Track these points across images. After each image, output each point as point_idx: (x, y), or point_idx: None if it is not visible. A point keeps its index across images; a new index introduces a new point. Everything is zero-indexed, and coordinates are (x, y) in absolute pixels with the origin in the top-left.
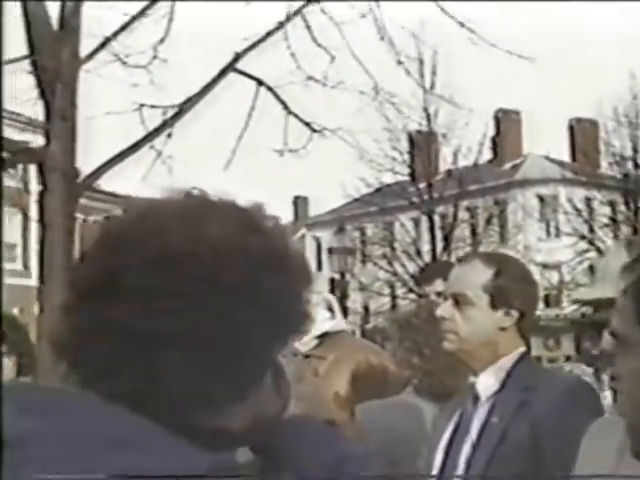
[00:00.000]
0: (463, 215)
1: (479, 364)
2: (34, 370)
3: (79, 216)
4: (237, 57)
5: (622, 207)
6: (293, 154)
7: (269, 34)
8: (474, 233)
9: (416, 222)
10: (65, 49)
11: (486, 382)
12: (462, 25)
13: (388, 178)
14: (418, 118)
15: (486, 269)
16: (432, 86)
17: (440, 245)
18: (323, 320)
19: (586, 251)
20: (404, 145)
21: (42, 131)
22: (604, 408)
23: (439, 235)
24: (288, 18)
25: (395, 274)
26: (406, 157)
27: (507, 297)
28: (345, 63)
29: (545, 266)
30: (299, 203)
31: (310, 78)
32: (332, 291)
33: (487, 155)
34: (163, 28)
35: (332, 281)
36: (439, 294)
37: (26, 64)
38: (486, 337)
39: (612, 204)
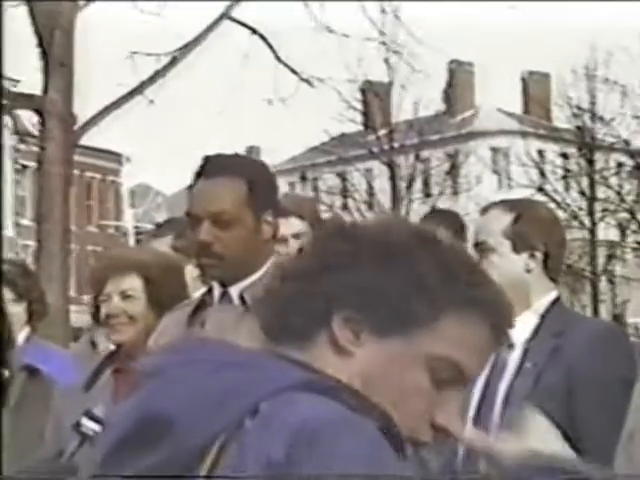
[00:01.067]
0: (419, 166)
1: None
2: (44, 316)
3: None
4: (231, 5)
5: (577, 159)
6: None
7: None
8: (426, 184)
9: (370, 171)
10: None
11: (519, 327)
12: None
13: (344, 129)
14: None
15: (505, 215)
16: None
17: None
18: None
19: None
20: (367, 96)
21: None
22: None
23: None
24: None
25: None
26: (364, 107)
27: (528, 240)
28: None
29: None
30: (252, 153)
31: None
32: None
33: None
34: None
35: None
36: None
37: (24, 10)
38: (513, 282)
39: (566, 156)
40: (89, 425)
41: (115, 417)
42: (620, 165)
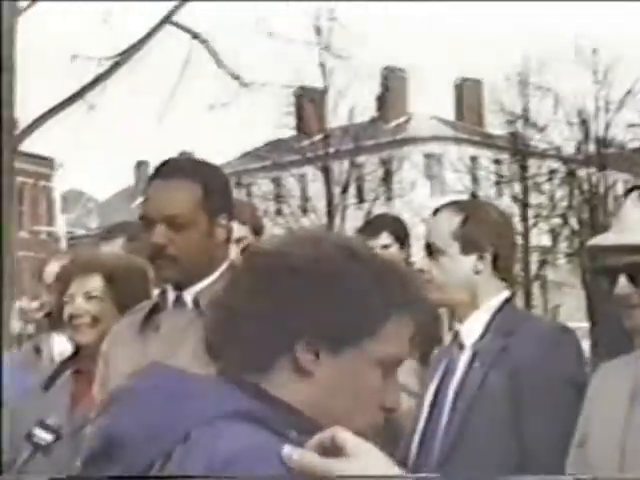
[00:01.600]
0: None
1: (462, 311)
2: None
3: None
4: (173, 10)
5: (510, 165)
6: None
7: None
8: (360, 190)
9: (304, 177)
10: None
11: (470, 328)
12: None
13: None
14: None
15: (454, 217)
16: (328, 44)
17: (336, 201)
18: None
19: None
20: (302, 101)
21: None
22: (585, 353)
23: (337, 190)
24: None
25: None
26: (298, 113)
27: (476, 241)
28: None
29: None
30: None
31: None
32: None
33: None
34: None
35: None
36: (385, 247)
37: None
38: (463, 283)
39: (499, 162)
40: (42, 435)
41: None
42: (553, 171)
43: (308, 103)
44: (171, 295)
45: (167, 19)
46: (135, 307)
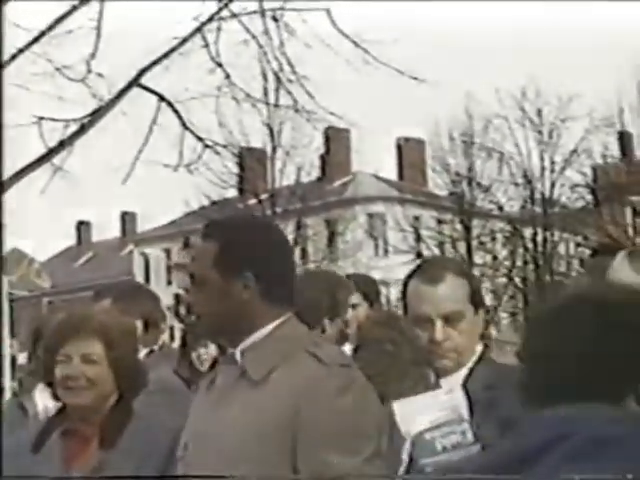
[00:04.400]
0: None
1: (450, 368)
2: None
3: None
4: (141, 73)
5: (456, 225)
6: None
7: (171, 51)
8: (304, 250)
9: None
10: None
11: (452, 382)
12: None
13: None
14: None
15: (462, 280)
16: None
17: None
18: None
19: None
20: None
21: None
22: None
23: None
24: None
25: None
26: (245, 173)
27: (481, 298)
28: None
29: (383, 283)
30: (127, 219)
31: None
32: (177, 306)
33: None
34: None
35: (177, 297)
36: (354, 306)
37: None
38: (475, 343)
39: (442, 222)
40: None
41: None
42: (497, 231)
43: (254, 163)
44: (229, 351)
45: (134, 82)
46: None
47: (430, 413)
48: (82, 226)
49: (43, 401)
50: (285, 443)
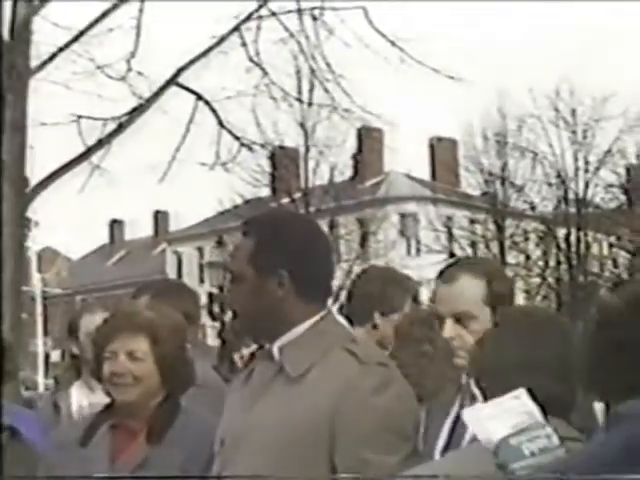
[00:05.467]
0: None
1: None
2: (16, 375)
3: None
4: (178, 71)
5: (489, 225)
6: None
7: (209, 50)
8: (337, 250)
9: None
10: (17, 59)
11: None
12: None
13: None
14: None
15: (478, 281)
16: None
17: None
18: None
19: None
20: (281, 160)
21: None
22: None
23: None
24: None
25: None
26: (279, 172)
27: (503, 301)
28: None
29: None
30: (159, 218)
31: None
32: (210, 304)
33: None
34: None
35: (210, 295)
36: None
37: None
38: None
39: (474, 222)
40: None
41: None
42: (529, 232)
43: (288, 162)
44: (266, 347)
45: (172, 80)
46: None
47: (507, 419)
48: (115, 224)
49: (79, 400)
50: (322, 440)
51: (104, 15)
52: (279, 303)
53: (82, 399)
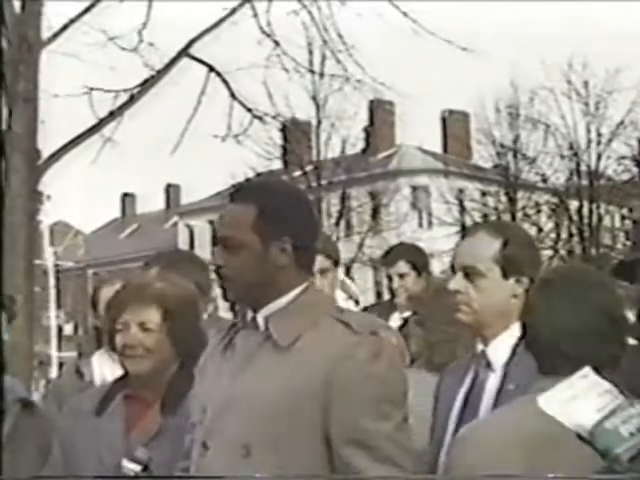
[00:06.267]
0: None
1: (491, 332)
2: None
3: None
4: (190, 43)
5: (501, 197)
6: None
7: (221, 21)
8: (348, 222)
9: None
10: (28, 31)
11: (498, 349)
12: None
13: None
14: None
15: (493, 240)
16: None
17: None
18: (343, 301)
19: None
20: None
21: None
22: None
23: (326, 223)
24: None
25: None
26: (290, 145)
27: (517, 265)
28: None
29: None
30: (171, 191)
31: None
32: None
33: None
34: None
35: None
36: (402, 275)
37: None
38: (500, 307)
39: (485, 194)
40: (130, 466)
41: None
42: (541, 204)
43: (299, 135)
44: (248, 316)
45: (183, 52)
46: (223, 325)
47: (590, 402)
48: (127, 198)
49: (101, 368)
50: (317, 408)
51: None
52: (278, 271)
53: (105, 369)
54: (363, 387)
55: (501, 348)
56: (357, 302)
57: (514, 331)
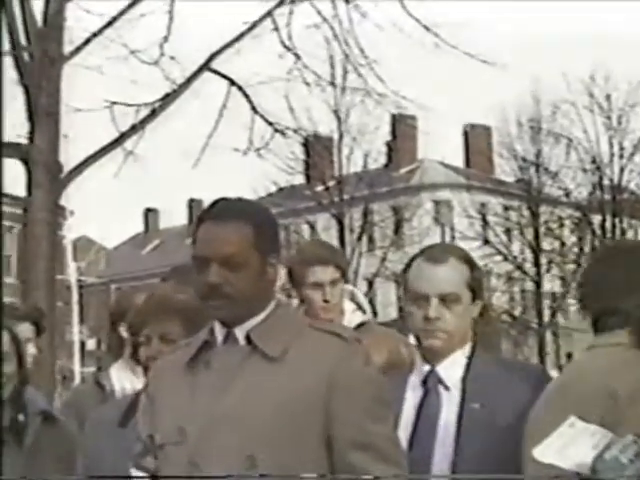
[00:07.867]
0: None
1: (448, 353)
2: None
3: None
4: (211, 57)
5: (523, 212)
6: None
7: (242, 35)
8: (371, 237)
9: (312, 225)
10: (50, 45)
11: (449, 368)
12: None
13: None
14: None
15: (463, 266)
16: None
17: (349, 248)
18: (352, 312)
19: (489, 255)
20: (314, 148)
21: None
22: None
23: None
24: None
25: None
26: (312, 159)
27: (481, 289)
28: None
29: None
30: (194, 206)
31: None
32: None
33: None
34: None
35: None
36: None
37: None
38: (466, 329)
39: (508, 209)
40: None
41: None
42: (564, 218)
43: (321, 149)
44: (221, 332)
45: (205, 66)
46: (178, 344)
47: (583, 443)
48: (150, 213)
49: (120, 381)
50: (319, 413)
51: (137, 0)
52: (270, 285)
53: (125, 381)
54: (364, 390)
55: (452, 367)
56: (365, 312)
57: (466, 350)
